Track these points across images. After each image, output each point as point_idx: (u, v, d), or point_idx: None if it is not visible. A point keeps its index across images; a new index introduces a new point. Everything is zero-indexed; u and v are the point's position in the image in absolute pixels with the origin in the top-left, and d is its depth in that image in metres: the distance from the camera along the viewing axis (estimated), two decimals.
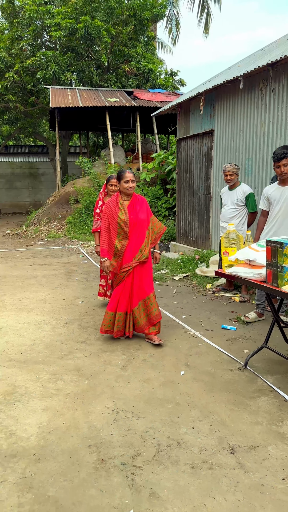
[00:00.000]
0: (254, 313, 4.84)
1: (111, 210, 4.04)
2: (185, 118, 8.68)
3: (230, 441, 2.61)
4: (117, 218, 3.99)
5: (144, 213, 4.10)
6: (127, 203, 4.08)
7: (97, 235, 5.36)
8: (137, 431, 2.73)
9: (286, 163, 4.20)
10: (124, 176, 3.99)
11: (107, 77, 17.06)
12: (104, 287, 5.42)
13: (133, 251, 4.06)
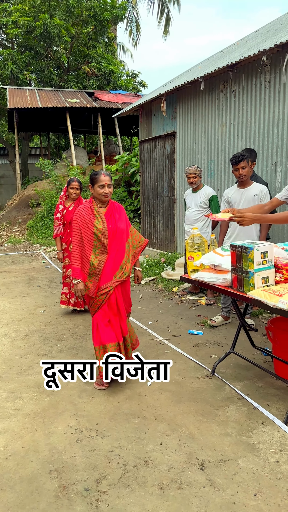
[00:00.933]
0: (220, 317, 4.79)
1: (84, 219, 3.29)
2: (147, 120, 8.58)
3: (200, 456, 2.50)
4: (92, 228, 3.25)
5: (123, 222, 3.39)
6: (104, 210, 3.32)
7: (59, 241, 5.18)
8: (102, 451, 2.57)
9: (244, 166, 4.19)
10: (99, 180, 3.24)
11: (67, 78, 16.76)
12: (67, 294, 5.21)
13: (113, 268, 3.31)
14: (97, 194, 3.27)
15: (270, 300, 2.53)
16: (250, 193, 4.33)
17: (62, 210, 5.11)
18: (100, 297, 3.29)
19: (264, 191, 4.31)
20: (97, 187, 3.26)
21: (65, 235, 5.16)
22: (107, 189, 3.24)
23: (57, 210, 5.18)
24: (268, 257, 2.75)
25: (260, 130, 5.46)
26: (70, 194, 5.06)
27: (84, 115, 14.74)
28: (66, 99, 13.60)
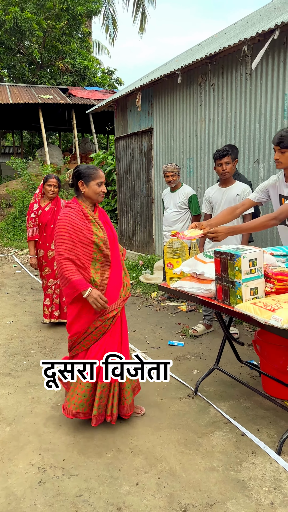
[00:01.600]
0: (202, 325, 4.46)
1: (77, 226, 2.61)
2: (123, 116, 8.20)
3: (182, 498, 2.14)
4: (92, 237, 2.62)
5: (113, 228, 2.87)
6: (96, 214, 2.75)
7: (32, 245, 4.59)
8: (68, 496, 2.19)
9: (228, 161, 3.90)
10: (97, 176, 2.68)
11: (40, 74, 16.20)
12: (50, 307, 4.67)
13: (117, 284, 2.73)
14: (94, 193, 2.69)
15: (261, 315, 2.20)
16: (232, 193, 4.03)
17: (37, 210, 4.51)
18: (106, 322, 2.63)
19: (247, 190, 4.01)
20: (94, 185, 2.67)
21: (42, 239, 4.55)
22: (104, 187, 2.72)
23: (31, 209, 4.54)
24: (257, 265, 2.42)
25: (241, 126, 5.16)
26: (47, 192, 4.50)
27: (58, 112, 14.24)
28: (39, 95, 13.08)
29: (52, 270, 4.56)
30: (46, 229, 4.51)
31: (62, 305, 4.65)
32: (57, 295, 4.62)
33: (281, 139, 2.88)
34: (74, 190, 2.77)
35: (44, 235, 4.54)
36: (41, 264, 4.62)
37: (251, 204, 3.25)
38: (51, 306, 4.65)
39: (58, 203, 4.58)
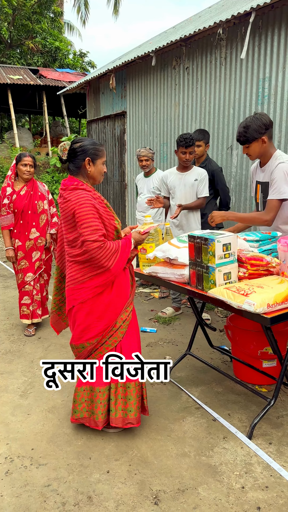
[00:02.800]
0: (171, 308, 4.49)
1: (101, 212, 2.31)
2: (95, 98, 8.00)
3: (153, 485, 2.12)
4: (114, 223, 2.38)
5: None
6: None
7: (7, 235, 3.97)
8: (36, 486, 2.12)
9: (192, 151, 3.88)
10: (104, 154, 2.43)
11: (9, 53, 15.60)
12: (30, 305, 4.04)
13: (129, 270, 2.55)
14: (99, 173, 2.40)
15: (234, 300, 2.17)
16: (190, 178, 4.04)
17: (11, 194, 3.91)
18: (130, 313, 2.45)
19: (203, 174, 4.03)
20: (100, 164, 2.40)
21: (18, 228, 3.95)
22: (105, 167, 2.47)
23: (3, 194, 3.93)
24: (230, 250, 2.39)
25: (215, 111, 5.11)
26: (22, 173, 3.90)
27: (27, 94, 13.78)
28: (8, 75, 12.59)
29: (30, 263, 4.00)
30: (23, 216, 3.93)
31: (44, 301, 4.16)
32: (37, 291, 4.07)
33: (239, 136, 2.80)
34: (72, 167, 2.39)
35: (20, 223, 3.94)
36: (16, 256, 4.02)
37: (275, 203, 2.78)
38: (32, 304, 4.04)
39: (35, 185, 4.03)
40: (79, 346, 2.43)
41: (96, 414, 2.39)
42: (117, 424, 2.40)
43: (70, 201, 2.26)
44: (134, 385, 2.39)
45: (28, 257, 4.00)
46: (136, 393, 2.40)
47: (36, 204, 3.98)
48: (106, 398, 2.39)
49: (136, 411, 2.40)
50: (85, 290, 2.33)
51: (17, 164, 3.92)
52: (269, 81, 4.38)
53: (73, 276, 2.36)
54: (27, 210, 3.95)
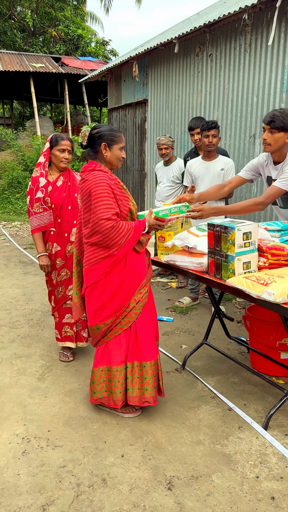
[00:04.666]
0: (188, 298, 4.49)
1: (116, 192, 2.37)
2: (116, 86, 7.95)
3: (168, 471, 2.13)
4: (128, 204, 2.43)
5: None
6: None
7: (40, 238, 3.12)
8: (52, 466, 2.16)
9: (215, 134, 3.81)
10: (121, 140, 2.46)
11: (32, 41, 15.64)
12: (74, 326, 3.22)
13: (145, 254, 2.60)
14: (116, 158, 2.45)
15: (253, 289, 2.14)
16: (216, 168, 3.96)
17: (46, 186, 3.07)
18: (144, 294, 2.47)
19: (230, 164, 3.96)
20: (117, 149, 2.44)
21: (57, 228, 3.11)
22: (124, 153, 2.51)
23: (36, 186, 3.07)
24: (251, 239, 2.35)
25: (238, 99, 5.02)
26: (58, 160, 3.08)
27: (49, 82, 13.80)
28: (30, 63, 12.62)
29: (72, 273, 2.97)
30: (61, 213, 3.11)
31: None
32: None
33: (273, 118, 2.69)
34: (91, 153, 2.47)
35: (58, 221, 3.11)
36: (54, 265, 3.16)
37: (240, 182, 3.12)
38: (77, 324, 3.23)
39: (72, 175, 3.23)
40: (94, 328, 2.49)
41: (114, 393, 2.45)
42: (134, 403, 2.46)
43: (87, 181, 2.34)
44: (149, 364, 2.44)
45: (70, 265, 3.10)
46: (152, 372, 2.44)
47: (76, 198, 3.14)
48: (123, 377, 2.45)
49: (153, 390, 2.45)
50: (97, 271, 2.39)
51: (52, 149, 3.09)
52: None
53: (87, 257, 2.44)
54: (67, 205, 3.12)
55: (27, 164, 11.05)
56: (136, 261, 2.45)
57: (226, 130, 5.20)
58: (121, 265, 2.40)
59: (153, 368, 2.45)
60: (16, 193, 10.76)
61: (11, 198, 10.70)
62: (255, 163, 3.03)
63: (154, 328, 2.56)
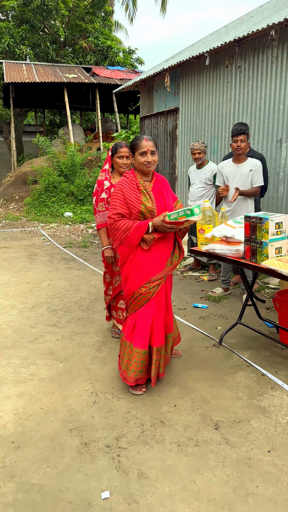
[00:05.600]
0: (220, 288, 4.93)
1: (128, 195, 2.75)
2: (149, 96, 8.50)
3: (213, 417, 2.61)
4: (139, 207, 2.72)
5: (171, 199, 2.92)
6: (150, 185, 2.81)
7: (105, 233, 3.59)
8: (119, 412, 2.67)
9: (243, 139, 4.23)
10: (139, 146, 2.71)
11: (63, 53, 16.41)
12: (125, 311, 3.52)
13: (163, 254, 2.81)
14: (138, 163, 2.75)
15: (284, 268, 2.60)
16: (245, 169, 4.38)
17: (109, 188, 3.53)
18: (150, 289, 2.79)
19: (258, 165, 4.36)
20: (138, 155, 2.73)
21: None
22: (150, 157, 2.70)
23: (101, 188, 3.56)
24: (282, 228, 2.81)
25: (265, 107, 5.46)
26: (118, 166, 3.50)
27: (81, 91, 14.50)
28: (64, 74, 13.35)
29: None
30: None
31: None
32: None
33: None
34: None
35: None
36: (115, 257, 3.60)
37: None
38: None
39: None
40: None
41: (129, 371, 2.82)
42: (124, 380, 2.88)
43: None
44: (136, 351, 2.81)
45: None
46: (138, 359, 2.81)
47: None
48: (141, 360, 2.80)
49: (134, 374, 2.82)
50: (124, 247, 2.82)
51: (113, 157, 3.53)
52: None
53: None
54: None
55: (62, 169, 11.71)
56: (144, 258, 2.78)
57: (254, 135, 5.64)
58: (130, 258, 2.80)
59: (140, 355, 2.79)
60: (52, 197, 11.43)
61: (47, 201, 11.38)
62: None
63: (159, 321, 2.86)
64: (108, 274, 3.72)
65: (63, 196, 11.47)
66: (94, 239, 8.60)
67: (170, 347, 3.05)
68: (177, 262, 2.89)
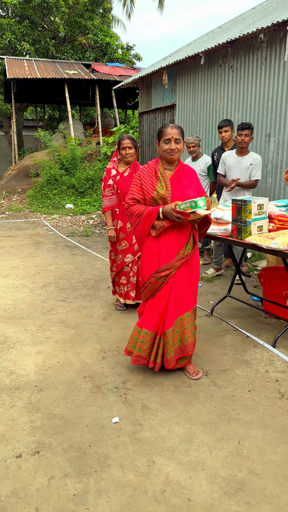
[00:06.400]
0: (212, 269, 5.42)
1: (144, 181, 2.80)
2: (147, 92, 8.94)
3: (204, 367, 3.09)
4: (152, 192, 2.74)
5: (193, 190, 2.81)
6: (170, 173, 2.80)
7: (109, 215, 4.09)
8: (124, 364, 3.15)
9: (248, 134, 4.66)
10: (164, 133, 2.72)
11: (63, 49, 16.77)
12: (126, 286, 4.16)
13: (174, 243, 2.76)
14: (162, 150, 2.75)
15: (264, 242, 3.09)
16: (246, 162, 4.82)
17: (115, 176, 4.00)
18: (158, 279, 2.78)
19: (258, 160, 4.80)
20: (162, 143, 2.74)
21: (121, 209, 4.03)
22: (173, 144, 2.68)
23: (108, 175, 4.04)
24: (263, 209, 3.29)
25: (256, 104, 5.93)
26: (123, 156, 3.97)
27: (81, 87, 14.90)
28: (64, 70, 13.73)
29: (131, 244, 4.07)
30: (125, 197, 3.75)
31: (140, 284, 3.83)
32: (134, 273, 4.11)
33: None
34: None
35: (122, 203, 3.93)
36: (117, 237, 4.12)
37: None
38: (127, 285, 4.15)
39: (137, 168, 4.02)
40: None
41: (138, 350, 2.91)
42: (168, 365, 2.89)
43: None
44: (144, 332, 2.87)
45: (129, 238, 4.05)
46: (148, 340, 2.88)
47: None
48: (148, 341, 2.86)
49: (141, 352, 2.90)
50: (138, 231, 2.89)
51: (118, 148, 3.98)
52: None
53: None
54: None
55: (62, 163, 12.14)
56: (154, 246, 2.79)
57: None
58: (144, 244, 2.86)
59: (149, 337, 2.85)
60: (53, 189, 11.87)
61: (49, 194, 11.82)
62: None
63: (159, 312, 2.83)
64: (113, 252, 4.22)
65: (64, 189, 11.90)
66: (95, 229, 9.07)
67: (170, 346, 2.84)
68: (187, 253, 2.78)
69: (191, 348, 2.90)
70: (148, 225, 2.76)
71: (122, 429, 2.43)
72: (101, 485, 2.03)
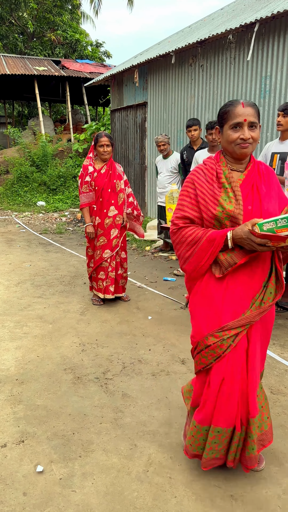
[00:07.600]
0: None
1: (202, 189, 1.81)
2: (119, 90, 8.99)
3: (180, 356, 3.21)
4: (214, 209, 1.74)
5: (274, 201, 1.81)
6: (241, 176, 1.80)
7: (87, 212, 4.13)
8: (104, 355, 3.23)
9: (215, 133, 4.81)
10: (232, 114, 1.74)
11: (32, 45, 16.56)
12: (104, 281, 4.20)
13: (248, 287, 1.77)
14: (228, 142, 1.78)
15: None
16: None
17: (93, 172, 4.05)
18: (224, 341, 1.77)
19: None
20: (227, 129, 1.77)
21: (98, 205, 4.10)
22: (247, 132, 1.72)
23: (85, 172, 4.06)
24: None
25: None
26: (100, 154, 4.02)
27: (51, 83, 14.77)
28: (34, 66, 13.58)
29: (109, 240, 4.12)
30: (102, 194, 4.07)
31: (118, 279, 4.30)
32: (112, 268, 4.17)
33: (286, 106, 3.75)
34: None
35: (100, 200, 4.07)
36: (95, 233, 4.16)
37: None
38: (106, 280, 4.19)
39: (113, 165, 4.14)
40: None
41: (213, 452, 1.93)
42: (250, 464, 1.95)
43: None
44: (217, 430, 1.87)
45: (107, 234, 4.12)
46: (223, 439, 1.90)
47: (115, 183, 4.09)
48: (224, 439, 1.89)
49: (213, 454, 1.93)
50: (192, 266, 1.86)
51: (95, 145, 4.04)
52: (270, 78, 5.36)
53: None
54: (107, 188, 4.07)
55: (33, 160, 12.03)
56: (215, 291, 1.81)
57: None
58: (196, 286, 1.89)
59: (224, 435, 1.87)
60: (24, 187, 11.75)
61: (20, 191, 11.70)
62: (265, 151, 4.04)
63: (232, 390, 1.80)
64: (90, 248, 4.27)
65: (35, 186, 11.81)
66: (69, 226, 9.06)
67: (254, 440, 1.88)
68: (271, 302, 1.78)
69: (271, 436, 2.00)
70: (207, 258, 1.77)
71: (104, 416, 2.51)
72: (86, 468, 2.11)
